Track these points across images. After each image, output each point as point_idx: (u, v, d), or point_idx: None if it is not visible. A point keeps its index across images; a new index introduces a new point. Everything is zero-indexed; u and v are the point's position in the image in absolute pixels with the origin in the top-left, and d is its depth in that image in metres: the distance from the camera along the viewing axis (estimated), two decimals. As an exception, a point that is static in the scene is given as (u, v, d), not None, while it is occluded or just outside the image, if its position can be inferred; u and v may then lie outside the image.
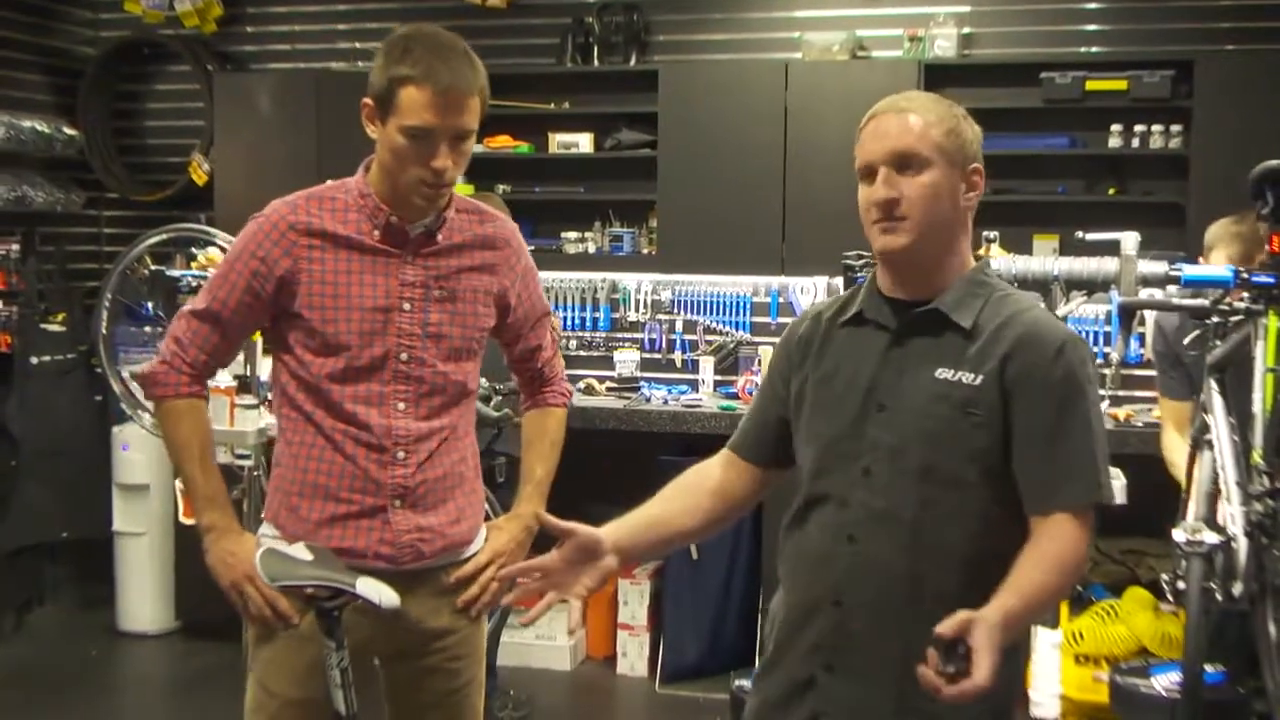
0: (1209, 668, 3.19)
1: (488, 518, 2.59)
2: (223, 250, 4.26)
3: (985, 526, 1.91)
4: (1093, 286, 3.01)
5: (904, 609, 1.90)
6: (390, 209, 2.30)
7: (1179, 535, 3.09)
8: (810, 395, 2.05)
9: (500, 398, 4.23)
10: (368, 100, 2.27)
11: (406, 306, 2.32)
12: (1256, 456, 3.08)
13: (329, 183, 2.39)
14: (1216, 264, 3.53)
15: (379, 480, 2.32)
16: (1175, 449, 3.82)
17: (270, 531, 2.38)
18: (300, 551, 2.25)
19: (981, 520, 1.91)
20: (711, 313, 5.66)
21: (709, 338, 5.68)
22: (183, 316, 2.36)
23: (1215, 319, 3.31)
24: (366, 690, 2.42)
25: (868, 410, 1.96)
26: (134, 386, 4.68)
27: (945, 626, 1.65)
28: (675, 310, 5.72)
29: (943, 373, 1.92)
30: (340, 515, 2.32)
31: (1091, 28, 5.29)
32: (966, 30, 5.32)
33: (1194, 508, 3.28)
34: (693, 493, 2.16)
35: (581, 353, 5.79)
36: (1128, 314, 3.08)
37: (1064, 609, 3.32)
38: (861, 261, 3.64)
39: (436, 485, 2.37)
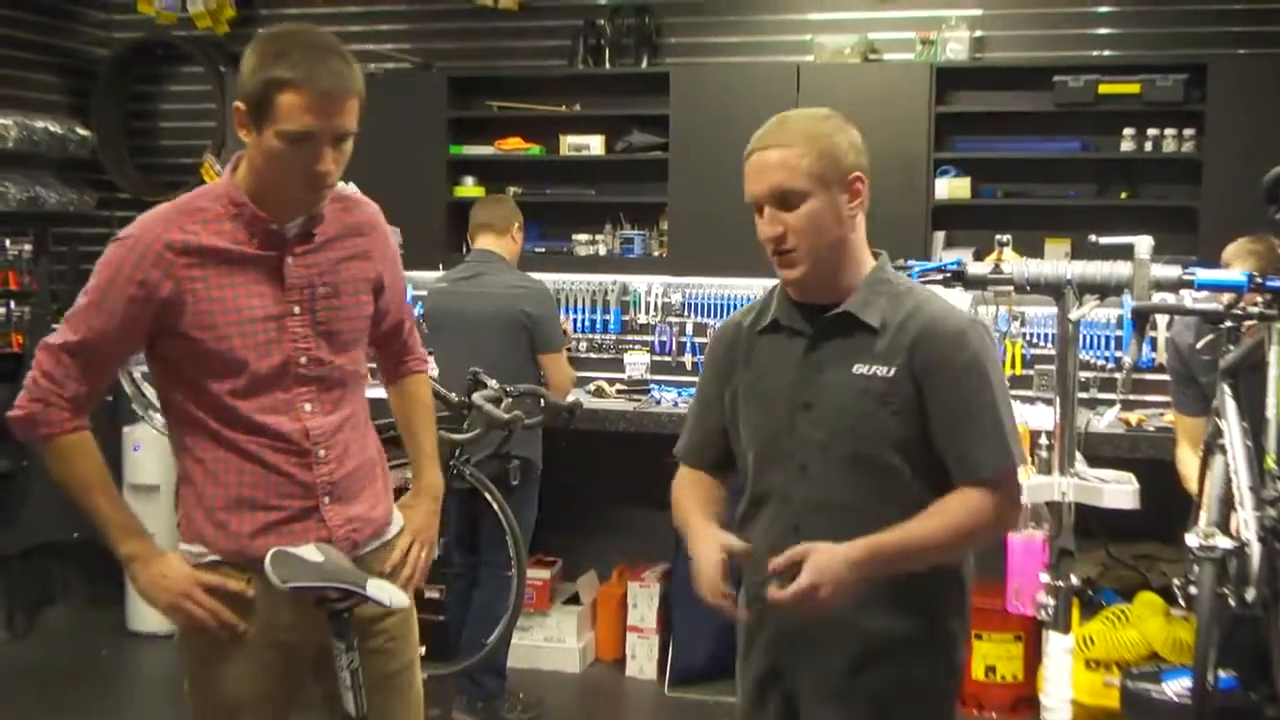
0: (1221, 673, 3.18)
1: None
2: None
3: (916, 507, 2.05)
4: (1106, 290, 2.99)
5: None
6: (267, 215, 2.24)
7: (1192, 540, 3.08)
8: (743, 401, 2.21)
9: (510, 399, 4.23)
10: (239, 104, 2.16)
11: (296, 310, 2.28)
12: (1270, 461, 3.08)
13: (194, 191, 2.31)
14: None
15: (306, 482, 2.30)
16: (1189, 464, 3.84)
17: (197, 549, 2.32)
18: (311, 553, 2.24)
19: (912, 502, 2.06)
20: (722, 315, 5.63)
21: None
22: (50, 350, 2.23)
23: (1229, 324, 3.31)
24: (302, 693, 2.42)
25: (795, 410, 2.12)
26: (145, 388, 4.69)
27: (778, 561, 1.95)
28: (686, 313, 5.72)
29: (859, 368, 2.09)
30: (273, 523, 2.28)
31: (1104, 31, 5.28)
32: (978, 33, 5.31)
33: (1207, 513, 3.28)
34: (714, 493, 2.32)
35: (591, 355, 5.79)
36: (1141, 318, 3.07)
37: (1075, 613, 3.30)
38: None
39: (357, 474, 2.37)
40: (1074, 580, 2.93)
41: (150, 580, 2.30)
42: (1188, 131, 5.00)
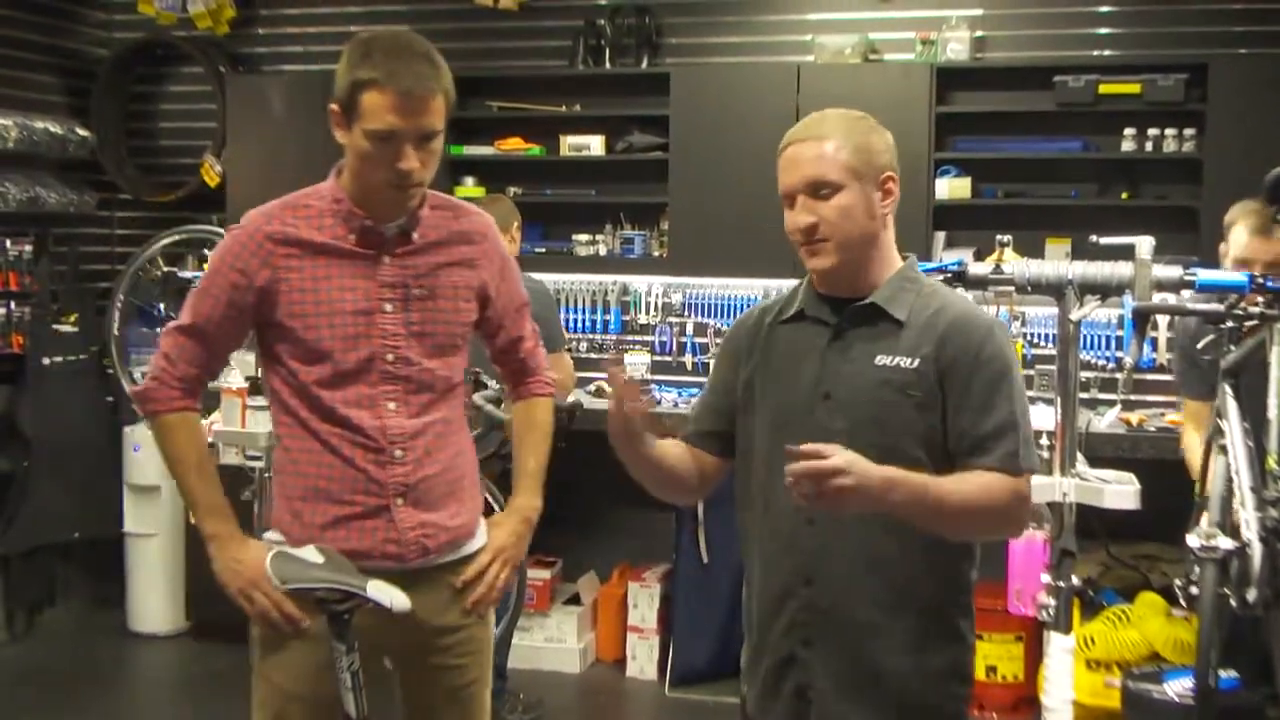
0: (1222, 674, 3.17)
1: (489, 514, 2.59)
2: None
3: None
4: (1107, 291, 2.99)
5: (868, 579, 2.09)
6: (364, 212, 2.32)
7: (1193, 540, 3.07)
8: (759, 391, 2.20)
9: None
10: (333, 106, 2.28)
11: (388, 308, 2.34)
12: (1271, 462, 3.07)
13: (303, 190, 2.40)
14: (1237, 240, 3.55)
15: (380, 480, 2.34)
16: (1193, 450, 3.80)
17: (276, 537, 2.40)
18: (311, 554, 2.25)
19: None
20: (722, 315, 5.64)
21: (720, 340, 5.67)
22: (169, 333, 2.38)
23: (1230, 324, 3.30)
24: (381, 691, 2.42)
25: (816, 400, 2.12)
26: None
27: (809, 446, 1.86)
28: (686, 313, 5.72)
29: (882, 359, 2.09)
30: (344, 517, 2.34)
31: (1104, 31, 5.27)
32: (979, 33, 5.31)
33: (1208, 513, 3.27)
34: (691, 458, 2.31)
35: (592, 355, 5.78)
36: (1141, 318, 3.07)
37: (1076, 614, 3.30)
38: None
39: (437, 480, 2.39)
40: (1075, 580, 2.93)
41: (224, 563, 2.35)
42: (1188, 131, 5.00)
